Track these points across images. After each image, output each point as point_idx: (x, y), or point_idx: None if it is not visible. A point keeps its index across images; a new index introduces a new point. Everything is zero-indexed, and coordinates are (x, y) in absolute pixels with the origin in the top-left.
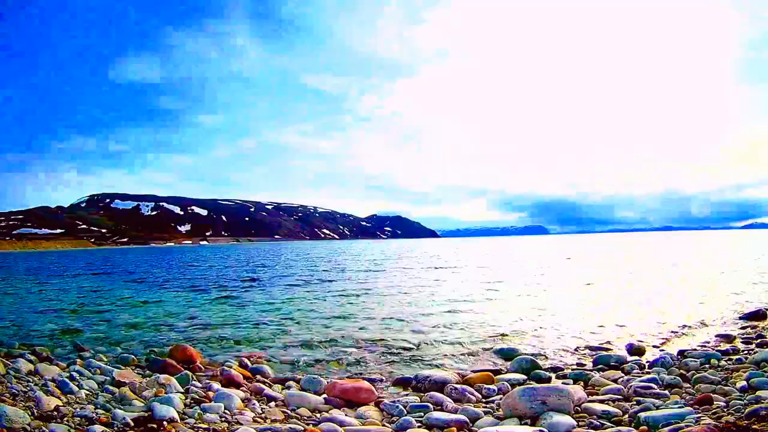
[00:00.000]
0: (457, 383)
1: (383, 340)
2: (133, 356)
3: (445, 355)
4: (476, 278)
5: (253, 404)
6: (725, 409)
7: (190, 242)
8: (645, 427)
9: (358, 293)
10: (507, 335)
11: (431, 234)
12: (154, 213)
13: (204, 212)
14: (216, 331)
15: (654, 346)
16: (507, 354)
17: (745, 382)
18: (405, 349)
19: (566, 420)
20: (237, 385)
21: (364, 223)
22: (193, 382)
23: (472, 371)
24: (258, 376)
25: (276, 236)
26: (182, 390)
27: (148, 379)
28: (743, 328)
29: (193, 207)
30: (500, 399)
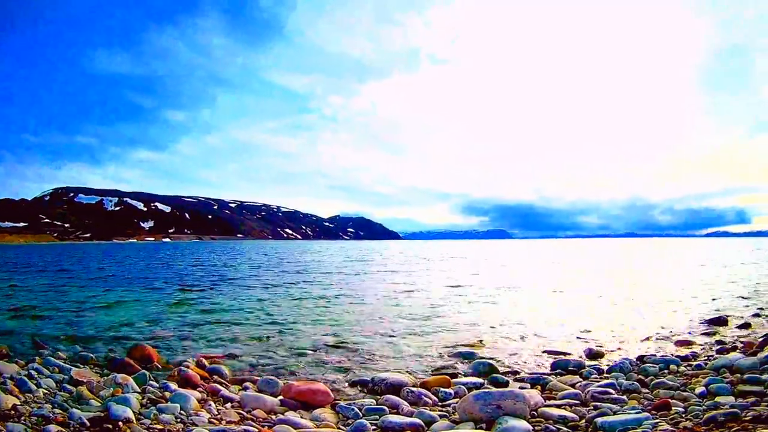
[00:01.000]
0: (413, 386)
1: (342, 341)
2: (92, 355)
3: (404, 357)
4: (438, 281)
5: (209, 405)
6: (683, 415)
7: (153, 239)
8: None
9: (318, 295)
10: (466, 339)
11: (394, 236)
12: (118, 209)
13: (167, 209)
14: (176, 331)
15: (613, 351)
16: (465, 357)
17: (704, 388)
18: (363, 351)
19: (522, 425)
20: (194, 386)
21: (326, 224)
22: (151, 382)
23: (429, 374)
24: (215, 377)
25: (239, 235)
26: (139, 390)
27: (105, 378)
28: (703, 334)
29: (156, 203)
30: (457, 403)
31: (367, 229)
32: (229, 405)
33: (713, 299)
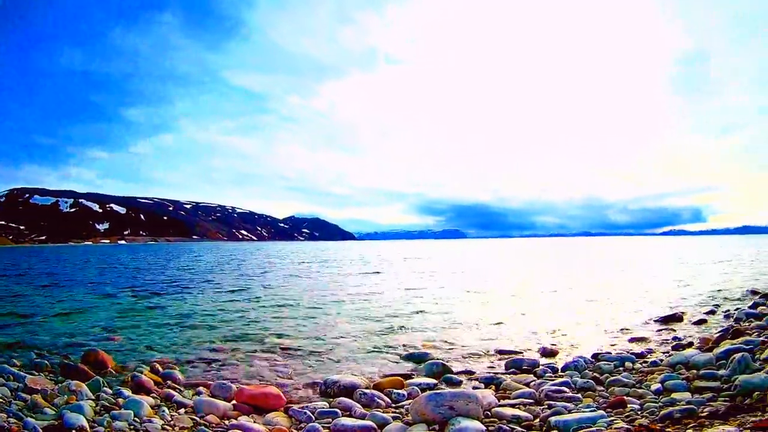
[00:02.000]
0: (366, 388)
1: (296, 344)
2: (46, 362)
3: (358, 359)
4: (393, 283)
5: (163, 411)
6: (639, 412)
7: (108, 241)
8: (556, 431)
9: (273, 298)
10: (421, 340)
11: (349, 236)
12: (73, 210)
13: (122, 210)
14: (130, 336)
15: (568, 350)
16: (419, 358)
17: (659, 385)
18: (317, 353)
19: (475, 425)
20: (147, 391)
21: (281, 225)
22: (104, 388)
23: (382, 376)
24: (169, 382)
25: (194, 236)
26: (93, 397)
27: (60, 385)
28: (659, 331)
29: (111, 204)
30: (410, 404)
31: (322, 230)
32: (182, 410)
33: (668, 296)
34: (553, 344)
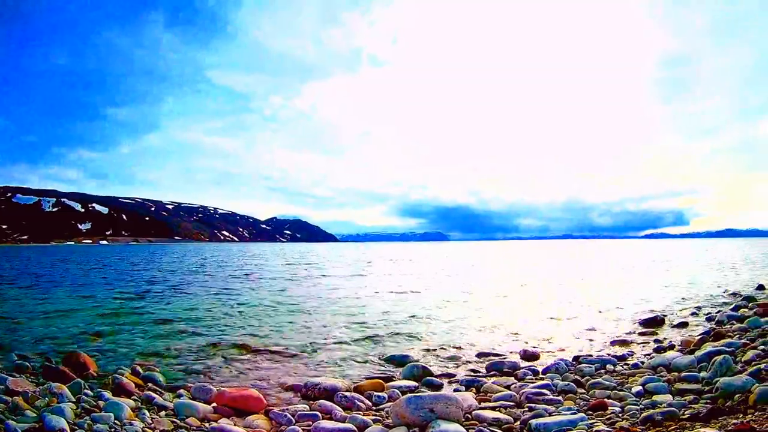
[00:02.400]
0: (347, 391)
1: (278, 346)
2: (28, 364)
3: (339, 362)
4: (375, 286)
5: (143, 414)
6: (620, 415)
7: (90, 241)
8: None
9: (255, 301)
10: (402, 343)
11: (331, 238)
12: (55, 210)
13: (105, 210)
14: (112, 338)
15: (549, 352)
16: (399, 361)
17: (641, 387)
18: (298, 356)
19: (455, 428)
20: (128, 394)
21: (263, 226)
22: (85, 390)
23: (362, 378)
24: (149, 384)
25: (176, 237)
26: (74, 399)
27: (41, 387)
28: (640, 333)
29: (93, 204)
30: (390, 407)
31: (304, 231)
32: (162, 413)
33: (650, 299)
34: (534, 347)
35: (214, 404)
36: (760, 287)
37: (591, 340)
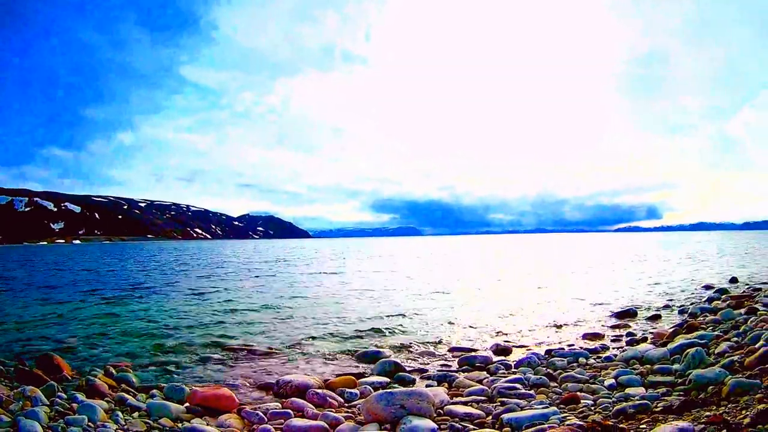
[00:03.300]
0: (318, 388)
1: (251, 344)
2: (1, 367)
3: (311, 359)
4: (349, 281)
5: (117, 415)
6: (592, 408)
7: (63, 241)
8: (508, 429)
9: (227, 299)
10: (374, 339)
11: (304, 234)
12: (28, 209)
13: (77, 209)
14: (85, 340)
15: (522, 346)
16: (372, 357)
17: (613, 380)
18: (270, 353)
19: (426, 424)
20: (102, 395)
21: (236, 223)
22: (59, 393)
23: (335, 375)
24: (123, 385)
25: (149, 235)
26: (48, 402)
27: (15, 391)
28: (613, 326)
29: (66, 203)
30: (362, 403)
31: (276, 228)
32: (136, 414)
33: (622, 292)
34: (507, 341)
35: (187, 404)
36: (733, 280)
37: (564, 333)
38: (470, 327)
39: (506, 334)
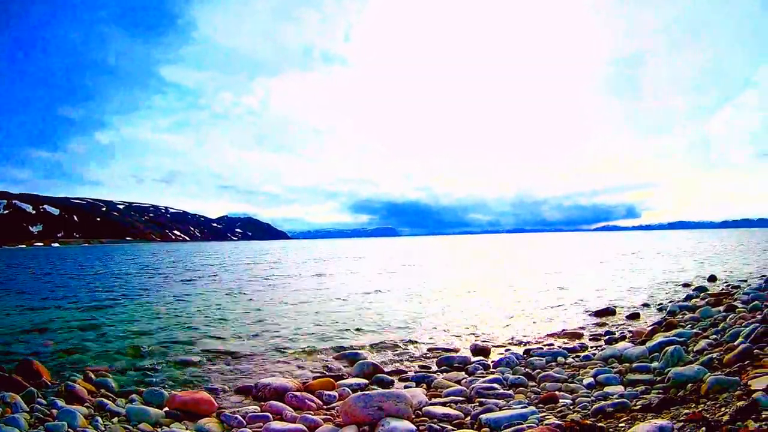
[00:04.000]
0: (297, 390)
1: (230, 348)
2: None
3: (290, 361)
4: (328, 283)
5: (96, 421)
6: (571, 407)
7: (42, 244)
8: (487, 429)
9: (207, 302)
10: (353, 340)
11: (282, 236)
12: (7, 212)
13: (56, 211)
14: (65, 345)
15: (500, 346)
16: (351, 358)
17: (592, 379)
18: (250, 356)
19: (404, 425)
20: (81, 401)
21: (214, 224)
22: (39, 399)
23: (313, 377)
24: (102, 390)
25: (127, 237)
26: (27, 408)
27: None
28: (592, 325)
29: (45, 206)
30: (340, 405)
31: (255, 229)
32: (115, 419)
33: (601, 290)
34: (485, 341)
35: (167, 408)
36: (712, 278)
37: (542, 332)
38: (449, 327)
39: (485, 334)
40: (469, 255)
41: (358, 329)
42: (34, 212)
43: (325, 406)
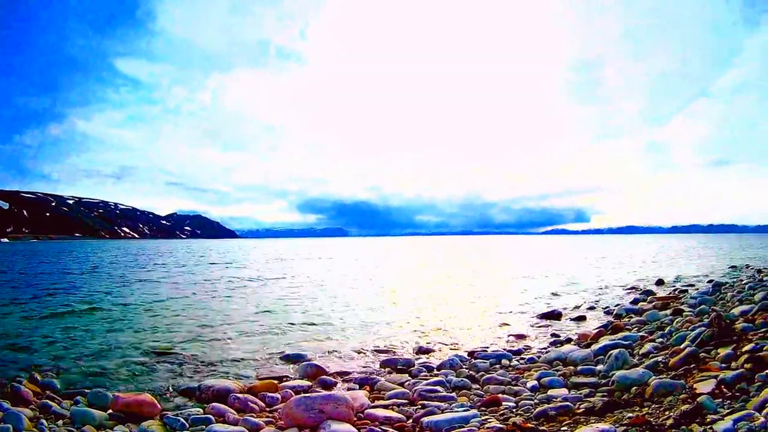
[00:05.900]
0: (240, 392)
1: (173, 349)
2: None
3: (234, 362)
4: (277, 283)
5: (41, 423)
6: (514, 410)
7: None
8: None
9: (153, 302)
10: (298, 341)
11: (231, 234)
12: None
13: (6, 206)
14: (9, 344)
15: (445, 345)
16: (294, 360)
17: (536, 382)
18: (194, 357)
19: (346, 429)
20: (26, 403)
21: (164, 222)
22: None
23: (257, 379)
24: (47, 392)
25: (76, 234)
26: None
27: None
28: (538, 327)
29: None
30: (282, 408)
31: (204, 228)
32: (60, 422)
33: (548, 293)
34: (429, 342)
35: (110, 410)
36: (659, 282)
37: (488, 334)
38: (396, 330)
39: (430, 335)
40: (418, 256)
41: (304, 330)
42: None
43: (268, 409)
